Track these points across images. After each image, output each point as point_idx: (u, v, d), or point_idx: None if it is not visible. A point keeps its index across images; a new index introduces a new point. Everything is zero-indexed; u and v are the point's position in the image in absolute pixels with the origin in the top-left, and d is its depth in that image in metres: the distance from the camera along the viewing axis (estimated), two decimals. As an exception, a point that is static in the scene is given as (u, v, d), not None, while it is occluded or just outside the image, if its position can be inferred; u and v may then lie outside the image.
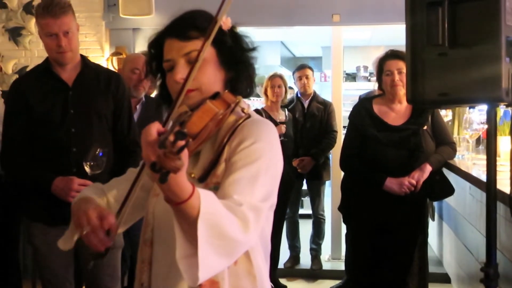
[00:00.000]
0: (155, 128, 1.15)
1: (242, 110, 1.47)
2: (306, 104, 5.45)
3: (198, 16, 1.54)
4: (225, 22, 1.53)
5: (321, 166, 5.38)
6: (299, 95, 5.53)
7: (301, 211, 5.97)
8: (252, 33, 1.63)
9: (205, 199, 1.19)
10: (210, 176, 1.42)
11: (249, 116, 1.47)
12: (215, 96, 1.46)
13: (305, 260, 5.66)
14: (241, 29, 1.61)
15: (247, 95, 1.60)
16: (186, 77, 1.37)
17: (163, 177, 1.08)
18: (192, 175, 1.44)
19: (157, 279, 1.51)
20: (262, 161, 1.39)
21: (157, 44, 1.58)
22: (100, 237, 1.40)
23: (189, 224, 1.19)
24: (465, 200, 4.18)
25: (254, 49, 1.60)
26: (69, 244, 1.62)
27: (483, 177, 2.86)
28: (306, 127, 5.36)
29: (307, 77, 5.46)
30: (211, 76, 1.51)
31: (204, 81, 1.49)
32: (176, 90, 1.47)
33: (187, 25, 1.51)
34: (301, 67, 5.57)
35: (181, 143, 1.05)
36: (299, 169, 5.27)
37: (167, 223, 1.42)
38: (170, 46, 1.52)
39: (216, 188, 1.37)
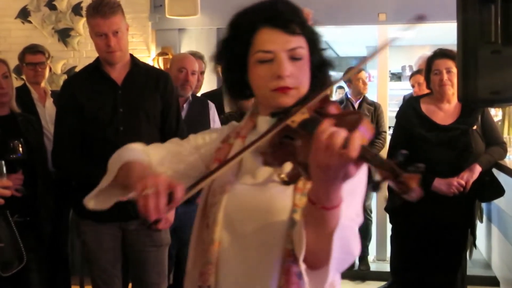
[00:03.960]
0: None
1: None
2: (356, 105, 5.41)
3: (297, 9, 1.40)
4: (308, 14, 1.42)
5: None
6: (348, 96, 5.47)
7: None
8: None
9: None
10: (299, 180, 1.28)
11: None
12: (306, 98, 1.31)
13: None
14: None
15: None
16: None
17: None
18: (282, 175, 1.27)
19: (227, 281, 1.39)
20: None
21: (245, 28, 1.39)
22: (159, 202, 1.20)
23: (324, 234, 1.14)
24: (515, 202, 4.09)
25: (326, 49, 1.46)
26: (105, 204, 1.53)
27: (535, 178, 2.80)
28: None
29: (363, 80, 5.45)
30: (307, 76, 1.39)
31: (304, 81, 1.37)
32: (271, 86, 1.36)
33: (292, 18, 1.37)
34: (359, 70, 5.54)
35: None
36: None
37: (241, 222, 1.37)
38: (271, 36, 1.36)
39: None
